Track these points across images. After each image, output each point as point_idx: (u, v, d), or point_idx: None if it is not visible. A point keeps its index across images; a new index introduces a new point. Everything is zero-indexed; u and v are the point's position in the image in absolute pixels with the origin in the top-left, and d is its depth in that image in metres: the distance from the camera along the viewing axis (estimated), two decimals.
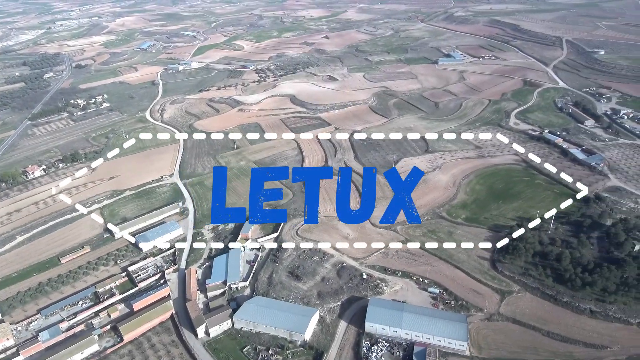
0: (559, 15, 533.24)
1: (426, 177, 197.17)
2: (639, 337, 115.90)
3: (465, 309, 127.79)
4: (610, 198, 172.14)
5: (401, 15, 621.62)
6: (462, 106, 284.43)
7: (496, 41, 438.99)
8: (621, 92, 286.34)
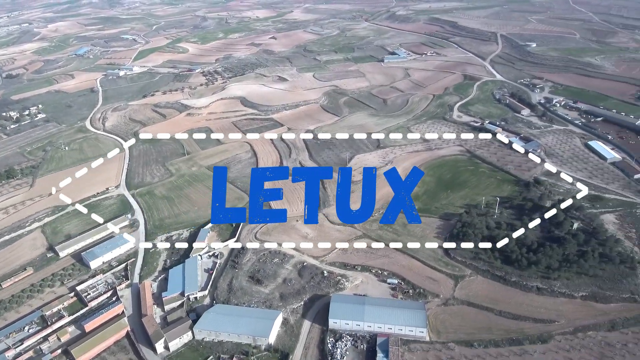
0: (493, 11, 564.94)
1: (379, 172, 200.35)
2: (583, 310, 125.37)
3: (422, 297, 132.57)
4: (548, 181, 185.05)
5: (346, 14, 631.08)
6: (409, 102, 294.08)
7: (437, 38, 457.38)
8: (553, 81, 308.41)
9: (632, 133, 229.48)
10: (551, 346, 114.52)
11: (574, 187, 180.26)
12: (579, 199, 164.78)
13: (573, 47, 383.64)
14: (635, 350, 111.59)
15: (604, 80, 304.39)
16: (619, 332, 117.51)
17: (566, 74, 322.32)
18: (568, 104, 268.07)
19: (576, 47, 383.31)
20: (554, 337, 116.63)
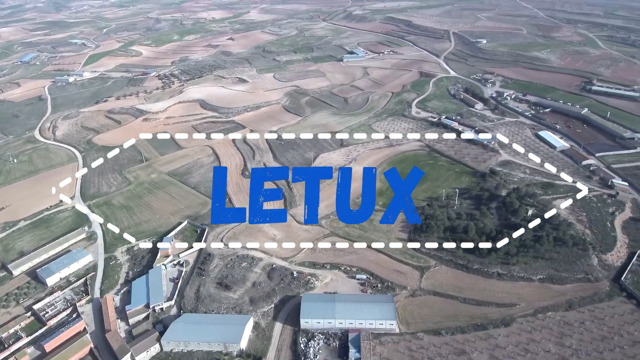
0: (444, 10, 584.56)
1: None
2: (541, 292, 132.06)
3: (391, 290, 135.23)
4: (503, 171, 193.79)
5: (303, 14, 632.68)
6: (369, 100, 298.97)
7: (393, 37, 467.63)
8: (503, 76, 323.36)
9: (579, 122, 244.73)
10: (514, 329, 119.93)
11: (527, 176, 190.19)
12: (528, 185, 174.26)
13: (521, 43, 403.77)
14: (592, 328, 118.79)
15: (550, 73, 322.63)
16: (576, 311, 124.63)
17: (515, 68, 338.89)
18: (518, 97, 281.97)
19: (524, 42, 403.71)
20: (516, 320, 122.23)
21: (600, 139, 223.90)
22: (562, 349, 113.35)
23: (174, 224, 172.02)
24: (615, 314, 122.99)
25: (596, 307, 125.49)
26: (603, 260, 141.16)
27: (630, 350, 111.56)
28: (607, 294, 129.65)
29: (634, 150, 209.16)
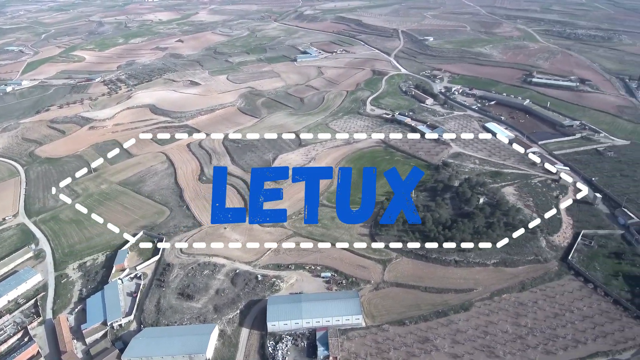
0: (392, 9, 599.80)
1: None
2: (496, 276, 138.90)
3: (355, 285, 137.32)
4: (455, 163, 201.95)
5: (254, 15, 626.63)
6: (325, 99, 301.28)
7: (344, 36, 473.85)
8: (450, 72, 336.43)
9: (521, 113, 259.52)
10: (473, 312, 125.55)
11: (477, 166, 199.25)
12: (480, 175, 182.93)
13: (465, 39, 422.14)
14: (545, 306, 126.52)
15: (493, 68, 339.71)
16: (529, 291, 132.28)
17: (461, 64, 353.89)
18: (465, 92, 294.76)
19: (468, 39, 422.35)
20: (474, 304, 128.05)
21: (542, 128, 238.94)
22: (519, 328, 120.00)
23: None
24: (565, 291, 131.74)
25: (547, 287, 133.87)
26: (551, 242, 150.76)
27: (581, 324, 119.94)
28: (557, 273, 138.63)
29: (573, 137, 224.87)
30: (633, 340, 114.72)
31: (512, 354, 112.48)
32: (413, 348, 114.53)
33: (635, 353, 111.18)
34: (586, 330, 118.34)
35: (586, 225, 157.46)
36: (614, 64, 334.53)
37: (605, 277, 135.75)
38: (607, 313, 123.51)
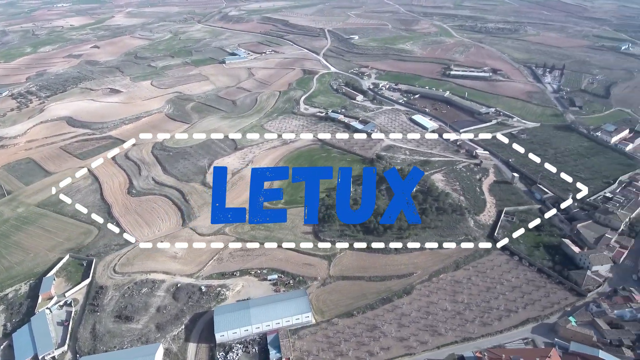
0: (317, 9, 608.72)
1: (241, 173, 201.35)
2: (432, 258, 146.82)
3: (303, 283, 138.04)
4: (387, 155, 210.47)
5: (176, 17, 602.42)
6: (258, 100, 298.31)
7: (272, 37, 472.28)
8: (377, 68, 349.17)
9: (443, 104, 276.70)
10: (414, 295, 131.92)
11: (407, 157, 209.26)
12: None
13: (387, 37, 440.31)
14: (478, 282, 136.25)
15: (415, 63, 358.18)
16: (463, 269, 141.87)
17: (386, 60, 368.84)
18: (391, 87, 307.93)
19: (390, 36, 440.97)
20: (415, 287, 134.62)
21: (462, 117, 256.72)
22: (456, 305, 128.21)
23: (54, 261, 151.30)
24: (494, 266, 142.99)
25: (478, 263, 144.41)
26: (478, 221, 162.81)
27: (511, 295, 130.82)
28: (485, 249, 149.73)
29: (490, 123, 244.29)
30: (558, 304, 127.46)
31: (452, 330, 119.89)
32: (362, 337, 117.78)
33: (560, 315, 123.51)
34: (516, 299, 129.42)
35: (507, 203, 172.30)
36: (522, 54, 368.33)
37: (528, 249, 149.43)
38: (533, 282, 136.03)
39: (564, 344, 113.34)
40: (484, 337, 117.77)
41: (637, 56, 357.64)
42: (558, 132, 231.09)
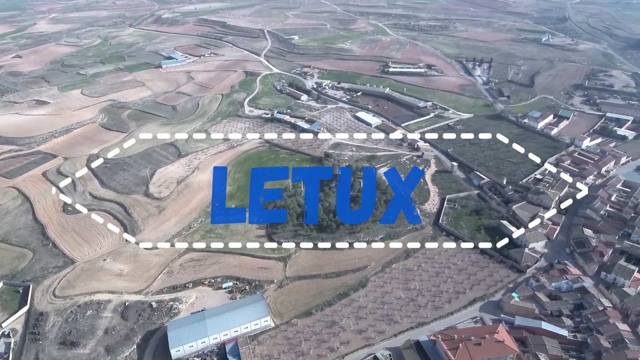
0: (255, 9, 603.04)
1: (187, 181, 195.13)
2: (384, 249, 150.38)
3: (259, 288, 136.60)
4: (335, 153, 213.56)
5: (105, 21, 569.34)
6: (200, 105, 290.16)
7: (210, 39, 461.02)
8: (319, 68, 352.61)
9: (384, 100, 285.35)
10: (370, 287, 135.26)
11: (354, 153, 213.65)
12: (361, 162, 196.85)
13: (327, 36, 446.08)
14: (427, 268, 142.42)
15: (355, 62, 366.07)
16: (413, 257, 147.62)
17: (327, 60, 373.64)
18: (334, 86, 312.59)
19: (329, 36, 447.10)
20: (370, 279, 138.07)
21: (402, 112, 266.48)
22: (409, 292, 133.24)
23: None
24: (441, 251, 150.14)
25: (427, 250, 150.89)
26: (423, 210, 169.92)
27: (459, 277, 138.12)
28: (432, 236, 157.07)
29: (428, 116, 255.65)
30: (501, 282, 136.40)
31: (407, 316, 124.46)
32: (322, 335, 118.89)
33: (504, 293, 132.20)
34: (463, 281, 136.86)
35: (449, 191, 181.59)
36: (453, 49, 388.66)
37: (471, 232, 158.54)
38: (477, 263, 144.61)
39: (509, 319, 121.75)
40: (436, 320, 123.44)
41: (557, 46, 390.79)
42: (490, 121, 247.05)
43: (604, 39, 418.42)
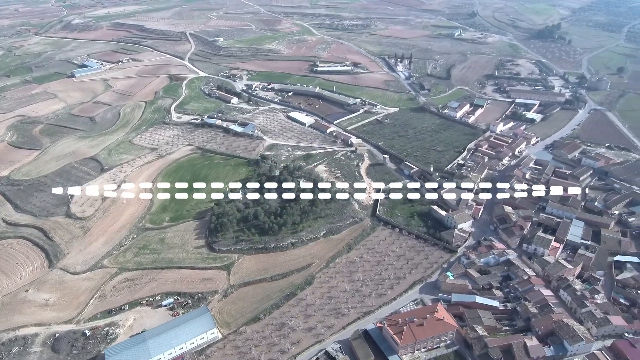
0: (175, 12, 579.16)
1: (114, 196, 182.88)
2: (327, 245, 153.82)
3: (203, 300, 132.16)
4: (271, 154, 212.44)
5: (8, 30, 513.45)
6: (121, 114, 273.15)
7: (127, 44, 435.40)
8: (247, 70, 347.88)
9: (315, 99, 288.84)
10: (316, 284, 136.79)
11: (291, 153, 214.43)
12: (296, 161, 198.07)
13: (253, 37, 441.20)
14: (369, 258, 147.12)
15: (284, 62, 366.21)
16: (355, 250, 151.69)
17: (255, 61, 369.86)
18: (265, 87, 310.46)
19: (255, 37, 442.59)
20: (315, 277, 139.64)
21: (333, 110, 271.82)
22: (354, 283, 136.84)
23: None
24: (380, 240, 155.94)
25: (367, 241, 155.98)
26: (361, 203, 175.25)
27: (398, 263, 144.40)
28: (371, 227, 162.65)
29: (358, 112, 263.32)
30: (436, 263, 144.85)
31: (354, 308, 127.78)
32: (272, 338, 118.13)
33: (440, 273, 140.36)
34: (402, 267, 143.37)
35: (383, 182, 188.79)
36: (375, 47, 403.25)
37: (406, 219, 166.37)
38: (414, 248, 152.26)
39: (446, 297, 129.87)
40: (381, 308, 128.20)
41: (468, 40, 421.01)
42: (414, 114, 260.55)
43: (510, 31, 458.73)
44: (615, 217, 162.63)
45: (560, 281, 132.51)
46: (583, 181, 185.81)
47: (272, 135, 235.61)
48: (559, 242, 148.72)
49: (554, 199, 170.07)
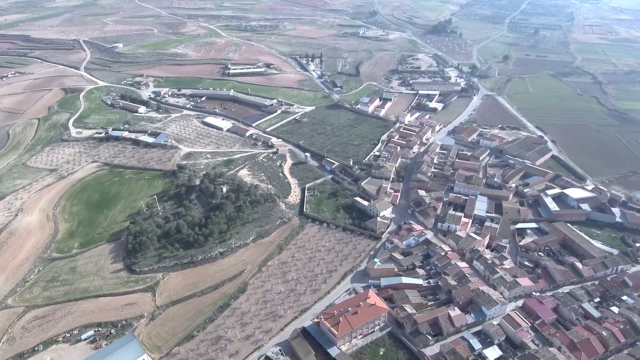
0: (65, 18, 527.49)
1: (11, 227, 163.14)
2: (257, 249, 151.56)
3: (128, 327, 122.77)
4: (189, 163, 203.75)
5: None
6: (11, 134, 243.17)
7: (11, 56, 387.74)
8: (153, 76, 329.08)
9: (231, 102, 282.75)
10: (250, 291, 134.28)
11: (210, 160, 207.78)
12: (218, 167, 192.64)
13: (156, 42, 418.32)
14: (301, 256, 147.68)
15: (193, 66, 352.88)
16: (286, 250, 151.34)
17: (161, 66, 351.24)
18: (174, 93, 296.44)
19: (158, 41, 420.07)
20: (249, 283, 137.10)
21: (250, 112, 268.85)
22: (288, 283, 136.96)
23: None
24: (310, 237, 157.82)
25: (297, 240, 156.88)
26: (287, 203, 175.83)
27: (329, 257, 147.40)
28: (300, 226, 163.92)
29: (276, 113, 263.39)
30: (364, 251, 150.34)
31: (290, 308, 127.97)
32: (209, 354, 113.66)
33: (368, 260, 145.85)
34: (333, 260, 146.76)
35: (307, 180, 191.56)
36: (286, 47, 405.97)
37: (332, 214, 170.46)
38: (342, 240, 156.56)
39: (376, 282, 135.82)
40: (317, 303, 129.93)
41: (372, 38, 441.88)
42: (330, 111, 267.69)
43: (408, 28, 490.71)
44: (513, 189, 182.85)
45: (472, 253, 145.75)
46: (482, 160, 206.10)
47: (188, 143, 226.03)
48: (468, 217, 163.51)
49: (460, 178, 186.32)
